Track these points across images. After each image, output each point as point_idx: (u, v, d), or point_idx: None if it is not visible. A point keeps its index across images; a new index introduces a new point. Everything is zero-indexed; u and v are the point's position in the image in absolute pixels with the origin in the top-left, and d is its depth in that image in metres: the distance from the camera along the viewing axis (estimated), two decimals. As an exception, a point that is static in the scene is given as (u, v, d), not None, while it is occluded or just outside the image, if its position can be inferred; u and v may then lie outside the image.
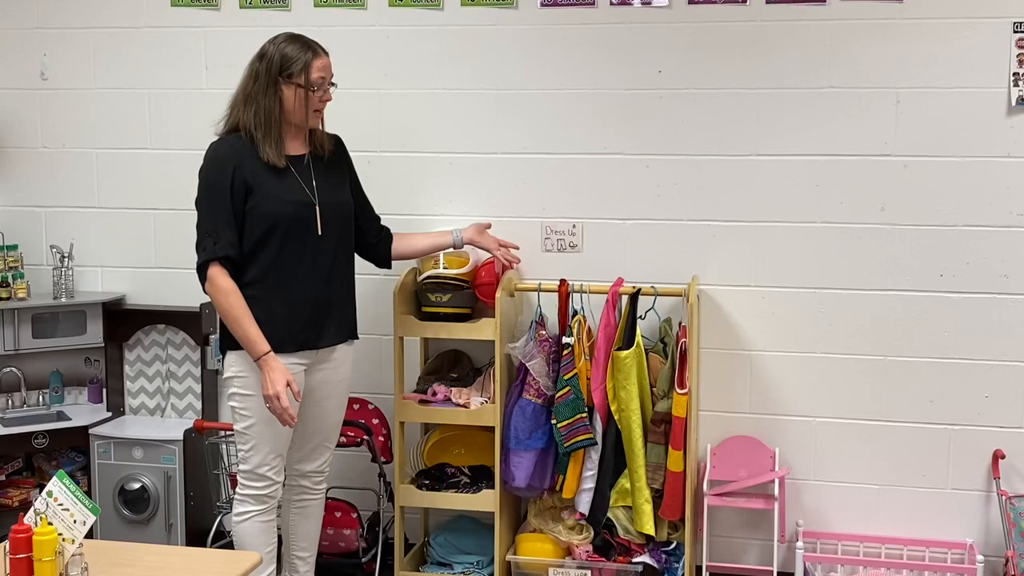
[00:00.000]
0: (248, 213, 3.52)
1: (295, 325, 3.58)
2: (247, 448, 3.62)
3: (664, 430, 3.99)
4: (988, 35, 4.00)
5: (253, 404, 3.56)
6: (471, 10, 4.34)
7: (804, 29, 4.12)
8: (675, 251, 4.28)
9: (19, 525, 2.70)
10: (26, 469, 4.73)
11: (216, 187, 3.51)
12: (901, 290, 4.16)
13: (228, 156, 3.53)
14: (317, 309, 3.64)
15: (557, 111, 4.32)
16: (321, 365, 3.70)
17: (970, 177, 4.07)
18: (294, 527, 3.89)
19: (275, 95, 3.54)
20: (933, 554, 4.19)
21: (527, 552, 4.19)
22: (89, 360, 4.79)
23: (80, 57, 4.67)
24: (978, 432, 4.16)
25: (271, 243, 3.54)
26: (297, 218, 3.56)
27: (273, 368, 3.48)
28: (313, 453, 3.81)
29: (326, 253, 3.64)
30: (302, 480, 3.84)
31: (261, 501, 3.65)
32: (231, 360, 3.60)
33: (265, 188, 3.53)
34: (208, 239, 3.49)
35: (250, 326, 3.48)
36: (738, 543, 4.39)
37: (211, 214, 3.51)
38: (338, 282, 3.71)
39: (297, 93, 3.56)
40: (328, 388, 3.75)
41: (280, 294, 3.56)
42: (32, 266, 4.72)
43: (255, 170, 3.53)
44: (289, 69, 3.54)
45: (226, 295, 3.48)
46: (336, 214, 3.68)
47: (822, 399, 4.26)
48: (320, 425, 3.79)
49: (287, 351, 3.55)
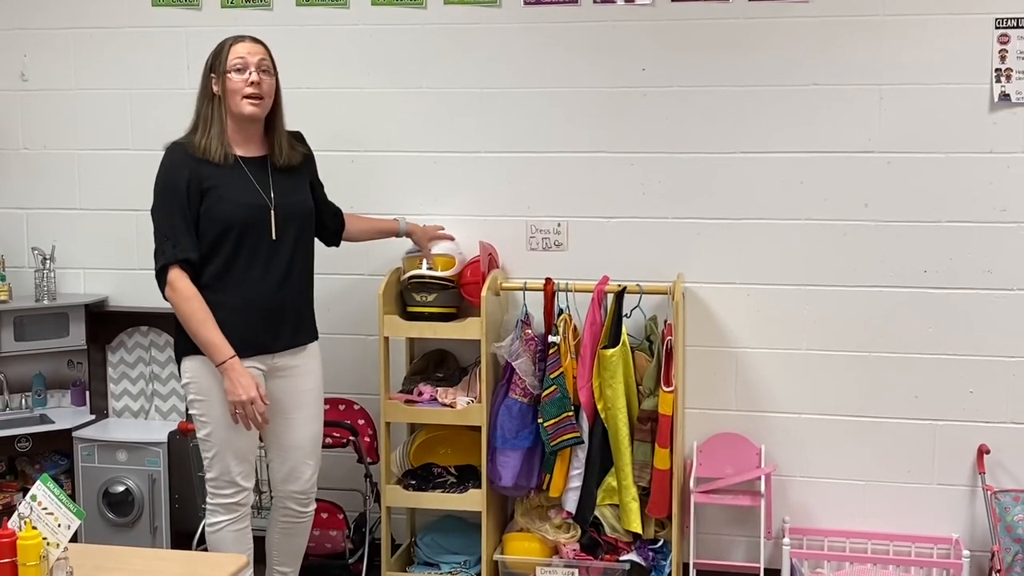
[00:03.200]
0: (202, 216, 3.47)
1: (250, 329, 3.52)
2: (210, 455, 3.56)
3: (650, 428, 3.99)
4: (970, 31, 4.02)
5: (211, 410, 3.51)
6: (454, 8, 4.33)
7: (787, 26, 4.12)
8: (660, 249, 4.28)
9: (3, 529, 2.69)
10: (9, 473, 4.69)
11: (171, 191, 3.46)
12: (885, 286, 4.17)
13: (182, 160, 3.49)
14: (271, 313, 3.58)
15: (541, 109, 4.32)
16: (281, 373, 3.64)
17: (953, 173, 4.08)
18: (278, 544, 3.83)
19: (208, 90, 3.52)
20: (919, 549, 4.21)
21: (514, 551, 4.19)
22: (72, 362, 4.76)
23: (61, 58, 4.64)
24: (963, 427, 4.18)
25: (225, 246, 3.49)
26: (251, 220, 3.51)
27: (241, 373, 3.43)
28: (295, 472, 3.72)
29: (281, 256, 3.58)
30: (288, 501, 3.76)
31: (231, 510, 3.59)
32: (187, 366, 3.53)
33: (219, 191, 3.48)
34: (167, 243, 3.43)
35: (213, 330, 3.43)
36: (725, 540, 4.40)
37: (168, 218, 3.45)
38: (294, 285, 3.64)
39: (220, 81, 3.53)
40: (296, 398, 3.69)
41: (234, 297, 3.50)
42: (14, 268, 4.68)
43: (209, 173, 3.48)
44: (216, 61, 3.53)
45: (187, 300, 3.43)
46: (293, 215, 3.62)
47: (807, 396, 4.27)
48: (296, 439, 3.70)
49: (244, 356, 3.48)
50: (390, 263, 4.28)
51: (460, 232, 4.30)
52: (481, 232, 4.31)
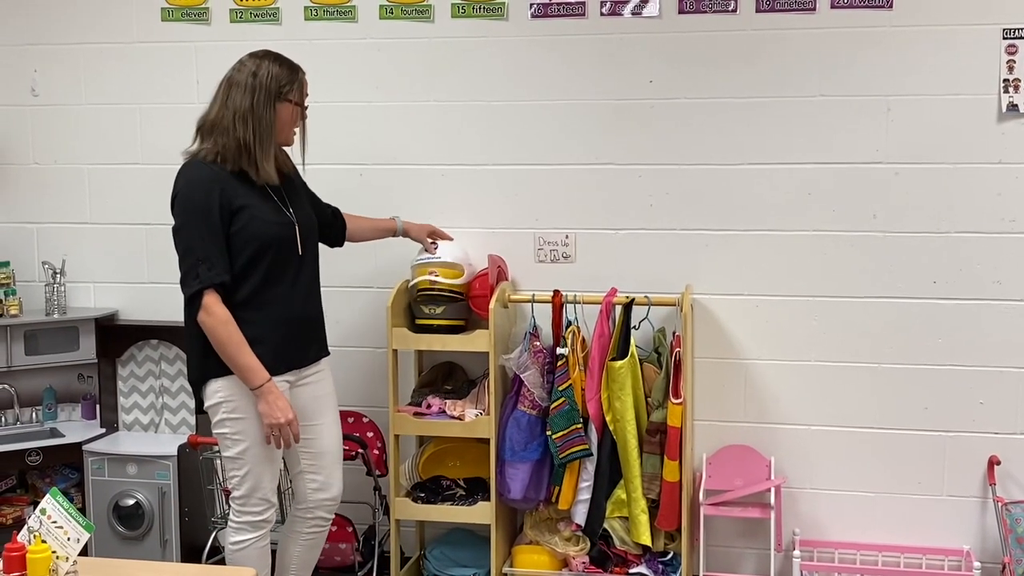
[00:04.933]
0: (233, 236, 3.45)
1: (284, 345, 3.55)
2: (242, 473, 3.54)
3: (659, 440, 3.99)
4: (978, 42, 4.01)
5: (247, 427, 3.50)
6: (461, 22, 4.34)
7: (794, 38, 4.12)
8: (668, 261, 4.28)
9: (12, 543, 2.70)
10: (20, 486, 4.71)
11: (203, 211, 3.41)
12: (894, 297, 4.16)
13: (211, 177, 3.44)
14: (302, 327, 3.63)
15: (548, 122, 4.32)
16: (301, 382, 3.66)
17: (962, 184, 4.07)
18: (299, 557, 3.82)
19: (274, 112, 3.50)
20: (930, 561, 4.19)
21: (523, 564, 4.18)
22: (82, 376, 4.78)
23: (71, 73, 4.67)
24: (973, 439, 4.16)
25: (260, 265, 3.49)
26: (281, 238, 3.53)
27: (277, 396, 3.45)
28: (329, 479, 3.76)
29: (305, 270, 3.63)
30: (319, 511, 3.77)
31: (258, 527, 3.59)
32: (217, 386, 3.50)
33: (249, 210, 3.47)
34: (202, 265, 3.39)
35: (248, 355, 3.42)
36: (735, 552, 4.38)
37: (201, 239, 3.41)
38: (316, 298, 3.72)
39: (293, 111, 3.55)
40: (318, 403, 3.73)
41: (269, 315, 3.52)
42: (24, 283, 4.70)
43: (239, 192, 3.46)
44: (287, 87, 3.52)
45: (224, 324, 3.41)
46: (310, 231, 3.67)
47: (817, 407, 4.26)
48: (325, 445, 3.75)
49: (279, 372, 3.51)
50: (398, 275, 4.28)
51: (468, 244, 4.30)
52: (489, 244, 4.32)
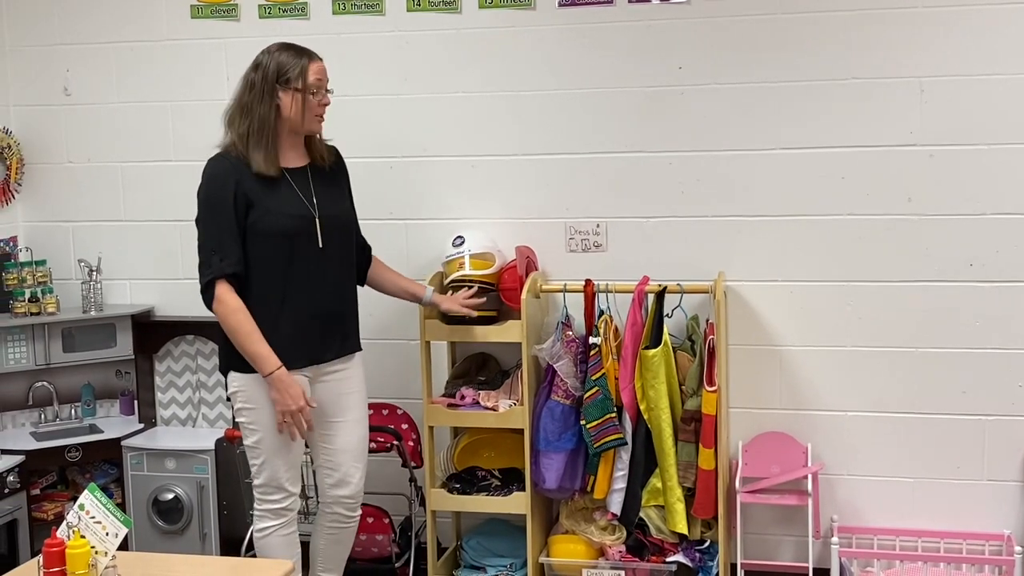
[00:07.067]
0: (249, 229, 3.49)
1: (299, 340, 3.56)
2: (259, 462, 3.59)
3: (694, 428, 3.97)
4: (1012, 20, 3.95)
5: (260, 417, 3.54)
6: (489, 12, 4.33)
7: (825, 20, 4.08)
8: (700, 248, 4.26)
9: (52, 539, 2.73)
10: (60, 483, 4.75)
11: (218, 203, 3.48)
12: (930, 281, 4.12)
13: (228, 171, 3.50)
14: (320, 322, 3.62)
15: (577, 111, 4.31)
16: (324, 378, 3.67)
17: (998, 164, 4.02)
18: (324, 550, 3.85)
19: (271, 103, 3.51)
20: (970, 546, 4.15)
21: (560, 554, 4.18)
22: (120, 372, 4.82)
23: (102, 72, 4.71)
24: (1012, 422, 4.11)
25: (273, 258, 3.51)
26: (298, 232, 3.54)
27: (288, 383, 3.47)
28: (345, 477, 3.76)
29: (328, 265, 3.61)
30: (336, 507, 3.79)
31: (280, 515, 3.63)
32: (234, 376, 3.57)
33: (264, 203, 3.50)
34: (214, 256, 3.46)
35: (259, 342, 3.46)
36: (772, 540, 4.36)
37: (215, 230, 3.48)
38: (340, 294, 3.69)
39: (295, 98, 3.53)
40: (342, 402, 3.72)
41: (286, 308, 3.54)
42: (60, 280, 4.75)
43: (255, 185, 3.50)
44: (286, 75, 3.52)
45: (235, 312, 3.46)
46: (336, 225, 3.65)
47: (853, 393, 4.22)
48: (343, 443, 3.74)
49: (296, 366, 3.53)
50: (431, 268, 4.28)
51: (499, 235, 4.31)
52: (521, 234, 4.31)
